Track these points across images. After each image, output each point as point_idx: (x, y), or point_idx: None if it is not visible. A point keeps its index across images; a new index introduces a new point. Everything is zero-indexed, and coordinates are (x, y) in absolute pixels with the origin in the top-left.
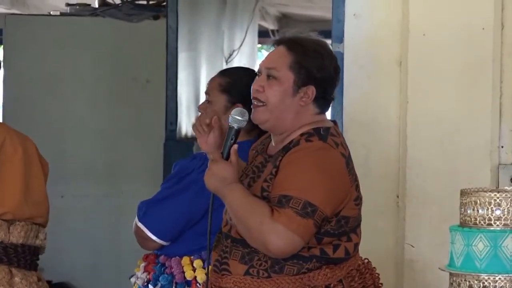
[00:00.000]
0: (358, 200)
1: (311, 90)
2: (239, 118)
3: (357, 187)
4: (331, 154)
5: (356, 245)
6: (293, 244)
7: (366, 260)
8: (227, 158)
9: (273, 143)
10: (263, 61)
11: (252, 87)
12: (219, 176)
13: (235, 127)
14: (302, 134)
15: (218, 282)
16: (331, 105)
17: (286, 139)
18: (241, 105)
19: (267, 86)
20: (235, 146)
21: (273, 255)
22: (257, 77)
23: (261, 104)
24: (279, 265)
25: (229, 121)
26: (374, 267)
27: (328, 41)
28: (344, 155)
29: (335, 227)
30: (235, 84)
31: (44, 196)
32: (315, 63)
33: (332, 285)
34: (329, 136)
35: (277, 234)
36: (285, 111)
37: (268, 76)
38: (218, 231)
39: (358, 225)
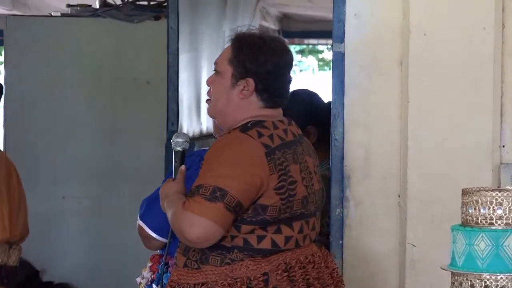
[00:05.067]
0: (284, 189)
1: (250, 82)
2: (178, 140)
3: (282, 175)
4: (246, 143)
5: (289, 239)
6: (207, 230)
7: (313, 253)
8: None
9: None
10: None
11: None
12: (163, 195)
13: (180, 150)
14: (234, 128)
15: (172, 274)
16: (281, 99)
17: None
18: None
19: (213, 82)
20: (182, 167)
21: (193, 244)
22: None
23: (209, 100)
24: (205, 256)
25: (172, 146)
26: (333, 259)
27: (329, 41)
28: (267, 145)
29: (251, 215)
30: None
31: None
32: (248, 56)
33: (253, 276)
34: (255, 128)
35: (188, 221)
36: (226, 104)
37: (215, 71)
38: None
39: (296, 218)
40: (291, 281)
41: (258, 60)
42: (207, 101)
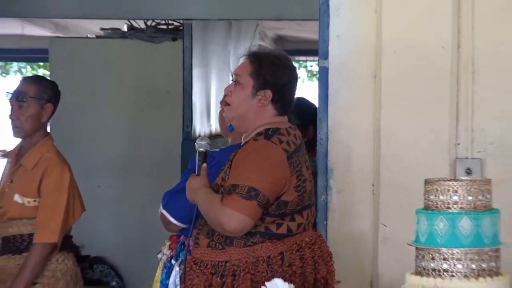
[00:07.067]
0: (300, 187)
1: (268, 94)
2: (201, 142)
3: (299, 176)
4: (272, 149)
5: (300, 225)
6: (243, 223)
7: (313, 234)
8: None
9: (242, 140)
10: (234, 70)
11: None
12: (190, 188)
13: (203, 150)
14: (256, 134)
15: (193, 252)
16: (290, 108)
17: (248, 137)
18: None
19: (234, 90)
20: (204, 165)
21: (229, 233)
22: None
23: (227, 105)
24: (230, 239)
25: (196, 147)
26: (323, 242)
27: (316, 58)
28: (286, 150)
29: (275, 209)
30: None
31: None
32: (269, 71)
33: (272, 255)
34: (275, 135)
35: (227, 216)
36: (246, 110)
37: (235, 82)
38: None
39: (305, 208)
40: (301, 259)
41: (277, 75)
42: (226, 105)
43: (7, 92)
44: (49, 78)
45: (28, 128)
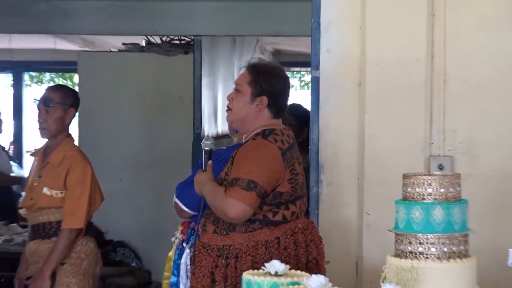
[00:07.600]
0: (293, 180)
1: (264, 100)
2: (207, 142)
3: (292, 170)
4: (268, 147)
5: (294, 213)
6: (243, 211)
7: (305, 221)
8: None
9: (243, 140)
10: (235, 79)
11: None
12: (197, 182)
13: (208, 149)
14: (255, 134)
15: (201, 237)
16: (283, 112)
17: (247, 137)
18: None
19: (235, 97)
20: (209, 162)
21: (232, 220)
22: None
23: (229, 110)
24: (233, 226)
25: (202, 147)
26: (314, 228)
27: (308, 69)
28: (281, 148)
29: (271, 199)
30: None
31: None
32: (265, 80)
33: (269, 240)
34: (271, 135)
35: (230, 205)
36: (245, 114)
37: (236, 90)
38: None
39: (297, 198)
40: (295, 242)
41: (271, 83)
42: (228, 110)
43: (34, 99)
44: (70, 87)
45: (54, 130)
